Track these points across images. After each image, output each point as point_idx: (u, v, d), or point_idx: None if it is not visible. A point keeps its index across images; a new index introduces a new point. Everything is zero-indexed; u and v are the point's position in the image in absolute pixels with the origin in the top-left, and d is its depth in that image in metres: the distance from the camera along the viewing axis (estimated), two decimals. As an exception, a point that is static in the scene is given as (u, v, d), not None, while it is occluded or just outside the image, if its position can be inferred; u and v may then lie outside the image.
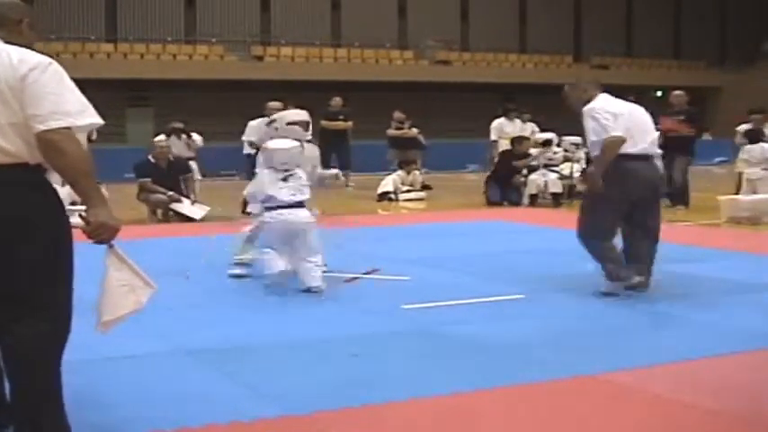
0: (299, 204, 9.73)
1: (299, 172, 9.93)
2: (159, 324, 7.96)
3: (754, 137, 18.25)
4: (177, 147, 18.16)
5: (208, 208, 16.84)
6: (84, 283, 4.88)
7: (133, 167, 17.20)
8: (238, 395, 5.88)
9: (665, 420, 5.46)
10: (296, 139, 11.57)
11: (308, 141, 11.08)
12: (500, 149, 21.36)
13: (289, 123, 11.60)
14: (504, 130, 22.19)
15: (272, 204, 9.71)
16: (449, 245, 12.08)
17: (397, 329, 7.82)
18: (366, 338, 7.47)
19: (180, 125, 19.00)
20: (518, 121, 22.76)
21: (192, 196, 16.83)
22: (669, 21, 51.51)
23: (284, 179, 9.80)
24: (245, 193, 10.92)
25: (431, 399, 5.77)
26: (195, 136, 18.91)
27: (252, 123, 17.17)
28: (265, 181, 9.83)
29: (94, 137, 18.45)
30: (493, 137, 22.06)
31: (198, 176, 17.88)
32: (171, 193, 16.37)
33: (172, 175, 16.62)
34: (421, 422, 5.43)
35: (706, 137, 26.94)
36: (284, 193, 9.71)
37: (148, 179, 16.50)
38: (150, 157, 16.85)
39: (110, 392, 5.90)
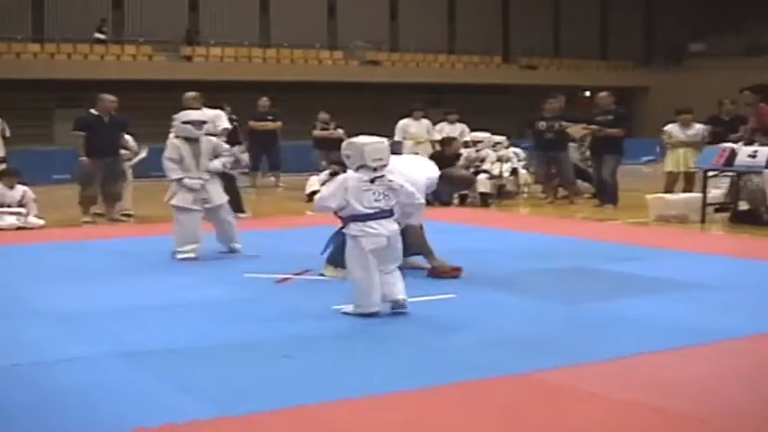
0: (389, 213, 8.47)
1: (389, 174, 8.55)
2: (93, 326, 7.93)
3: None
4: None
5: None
6: (25, 284, 4.80)
7: (74, 121, 16.92)
8: (170, 397, 5.85)
9: (598, 418, 5.50)
10: (186, 138, 11.95)
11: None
12: (405, 150, 21.37)
13: (184, 122, 12.08)
14: (409, 130, 22.12)
15: (357, 214, 8.38)
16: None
17: (329, 330, 7.81)
18: (298, 339, 7.46)
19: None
20: (424, 121, 22.67)
21: (128, 151, 16.89)
22: (596, 22, 52.00)
23: (372, 181, 8.40)
24: (317, 198, 9.06)
25: (363, 399, 5.77)
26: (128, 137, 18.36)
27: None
28: (349, 185, 8.39)
29: (8, 134, 18.21)
30: (397, 137, 21.92)
31: (129, 177, 17.62)
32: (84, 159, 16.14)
33: (112, 129, 16.42)
34: (353, 422, 5.43)
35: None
36: (369, 198, 8.36)
37: (82, 133, 16.17)
38: (93, 110, 16.56)
39: (41, 397, 5.84)
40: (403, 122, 22.24)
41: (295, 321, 8.18)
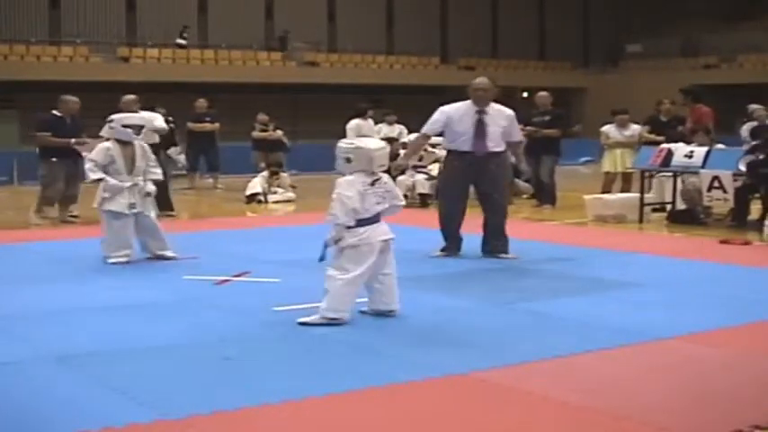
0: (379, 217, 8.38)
1: (385, 177, 8.37)
2: (27, 330, 7.84)
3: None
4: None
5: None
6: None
7: (37, 121, 16.80)
8: (110, 401, 5.79)
9: (536, 417, 5.53)
10: (120, 141, 11.61)
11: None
12: None
13: (124, 126, 11.69)
14: (362, 131, 22.01)
15: (361, 218, 8.18)
16: (318, 247, 12.07)
17: (269, 331, 7.79)
18: (238, 341, 7.43)
19: None
20: (370, 122, 22.58)
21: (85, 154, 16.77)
22: (534, 23, 52.27)
23: (372, 183, 8.17)
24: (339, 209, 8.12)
25: (304, 401, 5.76)
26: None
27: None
28: (358, 189, 8.05)
29: None
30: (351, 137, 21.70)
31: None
32: (73, 140, 15.98)
33: (73, 131, 16.29)
34: (295, 424, 5.42)
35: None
36: (371, 201, 8.17)
37: (48, 133, 16.10)
38: (55, 111, 16.46)
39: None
40: (355, 123, 22.08)
41: (234, 323, 8.15)
